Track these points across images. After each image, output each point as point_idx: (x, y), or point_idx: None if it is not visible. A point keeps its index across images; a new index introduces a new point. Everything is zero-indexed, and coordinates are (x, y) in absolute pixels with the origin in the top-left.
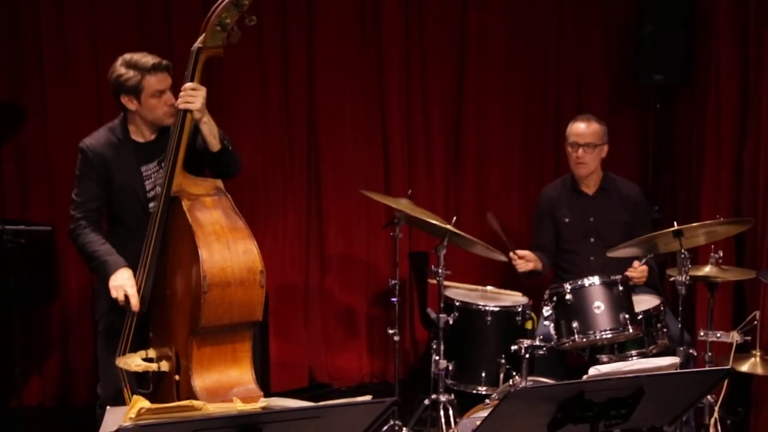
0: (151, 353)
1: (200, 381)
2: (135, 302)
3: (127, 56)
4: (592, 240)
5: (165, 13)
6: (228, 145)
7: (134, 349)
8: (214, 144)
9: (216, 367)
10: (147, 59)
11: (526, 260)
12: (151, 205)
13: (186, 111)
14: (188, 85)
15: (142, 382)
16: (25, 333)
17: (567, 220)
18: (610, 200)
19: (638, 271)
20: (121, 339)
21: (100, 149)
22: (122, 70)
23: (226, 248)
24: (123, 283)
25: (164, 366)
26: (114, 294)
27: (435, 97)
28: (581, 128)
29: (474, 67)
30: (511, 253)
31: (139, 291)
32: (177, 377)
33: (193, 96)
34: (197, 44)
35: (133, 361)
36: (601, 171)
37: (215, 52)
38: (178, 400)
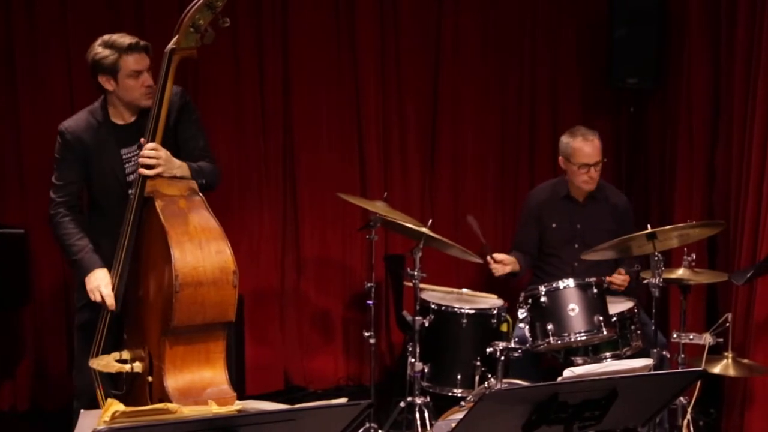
0: (125, 355)
1: (173, 381)
2: (110, 302)
3: (106, 37)
4: (576, 246)
5: (137, 9)
6: (202, 182)
7: (108, 351)
8: None
9: (189, 367)
10: (125, 39)
11: (503, 264)
12: (131, 191)
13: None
14: (149, 146)
15: (115, 384)
16: None
17: (554, 225)
18: (598, 208)
19: (621, 279)
20: (94, 340)
21: (79, 132)
22: (99, 49)
23: (199, 248)
24: (98, 284)
25: (137, 367)
26: (92, 297)
27: (410, 100)
28: (589, 150)
29: (449, 71)
30: (488, 257)
31: (113, 291)
32: (150, 378)
33: (152, 160)
34: (171, 45)
35: (107, 363)
36: None
37: (189, 54)
38: (151, 401)
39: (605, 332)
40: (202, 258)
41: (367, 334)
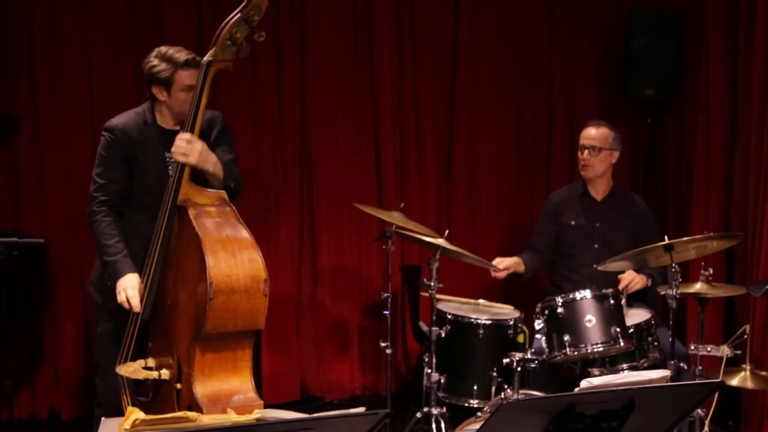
0: (150, 362)
1: (201, 388)
2: (135, 303)
3: (163, 49)
4: (596, 246)
5: (156, 22)
6: (231, 184)
7: (134, 358)
8: (215, 185)
9: (217, 374)
10: (180, 54)
11: (505, 267)
12: None
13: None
14: (183, 136)
15: (141, 390)
16: (16, 344)
17: (573, 222)
18: (617, 207)
19: (627, 277)
20: (122, 347)
21: (128, 128)
22: (156, 62)
23: (232, 256)
24: (126, 285)
25: (165, 374)
26: (118, 297)
27: (427, 109)
28: (590, 132)
29: (466, 80)
30: (491, 271)
31: (142, 298)
32: (178, 385)
33: (188, 149)
34: (207, 57)
35: (135, 369)
36: (611, 180)
37: (225, 66)
38: (179, 408)
39: (622, 343)
40: (235, 266)
41: (383, 344)
